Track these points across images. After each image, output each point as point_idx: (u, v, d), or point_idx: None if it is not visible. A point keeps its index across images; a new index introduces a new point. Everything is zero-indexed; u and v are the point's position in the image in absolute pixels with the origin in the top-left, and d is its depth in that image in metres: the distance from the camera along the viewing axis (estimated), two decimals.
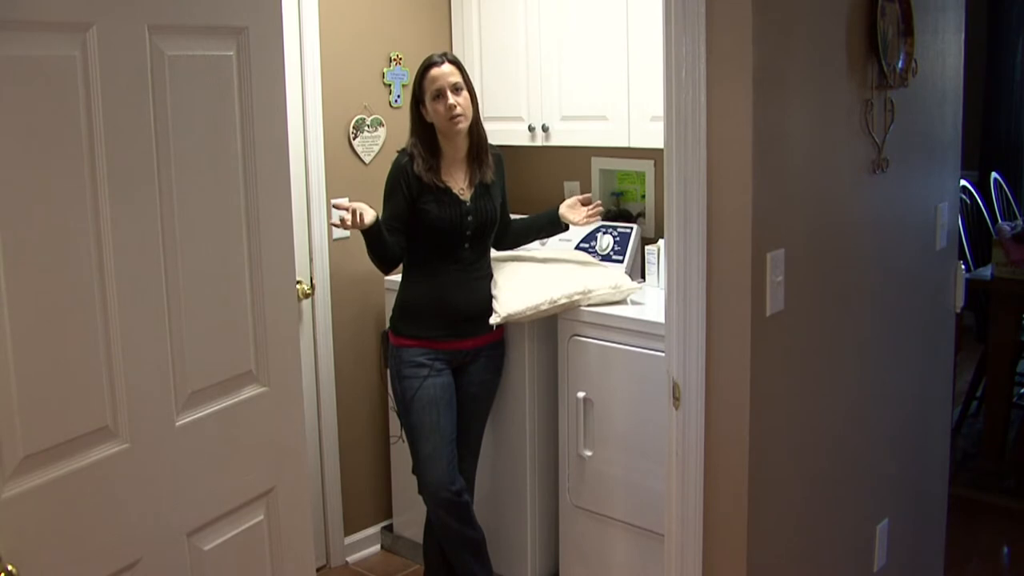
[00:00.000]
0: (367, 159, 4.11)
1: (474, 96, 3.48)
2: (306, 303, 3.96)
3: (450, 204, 3.43)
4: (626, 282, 3.58)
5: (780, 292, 2.38)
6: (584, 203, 3.68)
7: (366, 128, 4.10)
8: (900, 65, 2.77)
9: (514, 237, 3.78)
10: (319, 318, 4.00)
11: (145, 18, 1.80)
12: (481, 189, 3.52)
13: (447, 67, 3.42)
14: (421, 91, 3.44)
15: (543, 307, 3.46)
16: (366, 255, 3.42)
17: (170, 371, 1.91)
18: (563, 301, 3.49)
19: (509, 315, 3.43)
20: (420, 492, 3.50)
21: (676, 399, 2.43)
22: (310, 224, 3.93)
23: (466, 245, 3.48)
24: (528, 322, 3.60)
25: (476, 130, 3.51)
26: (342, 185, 4.01)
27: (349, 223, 3.27)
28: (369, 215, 3.28)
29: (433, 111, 3.42)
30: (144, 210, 1.83)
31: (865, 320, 2.85)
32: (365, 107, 4.09)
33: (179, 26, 1.89)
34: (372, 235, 3.33)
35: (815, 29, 2.47)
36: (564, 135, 4.02)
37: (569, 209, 3.69)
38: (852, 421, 2.83)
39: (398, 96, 4.19)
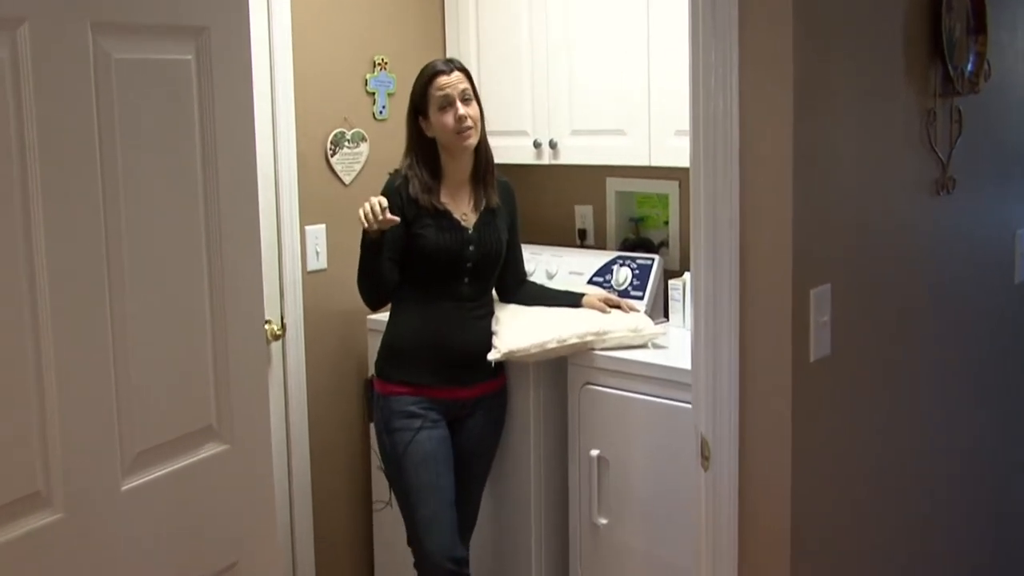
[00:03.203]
0: (347, 179, 4.11)
1: (482, 110, 3.52)
2: (276, 346, 3.95)
3: (450, 230, 3.45)
4: (648, 325, 3.58)
5: (826, 334, 2.37)
6: (612, 305, 3.71)
7: (346, 144, 4.10)
8: (969, 68, 2.77)
9: (525, 297, 3.78)
10: (291, 363, 3.99)
11: (88, 14, 1.79)
12: (487, 216, 3.54)
13: (456, 75, 3.47)
14: (424, 102, 3.47)
15: (550, 346, 3.45)
16: (345, 290, 3.43)
17: (115, 427, 1.89)
18: (574, 341, 3.48)
19: (511, 352, 3.43)
20: (417, 565, 3.49)
21: (705, 458, 2.42)
22: (281, 254, 3.93)
23: (466, 279, 3.49)
24: (533, 365, 3.60)
25: (483, 147, 3.56)
26: (318, 209, 4.01)
27: (373, 216, 3.28)
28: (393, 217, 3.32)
29: (438, 124, 3.44)
30: (86, 238, 1.82)
31: (930, 367, 2.83)
32: (345, 120, 4.10)
33: (128, 24, 1.88)
34: (375, 247, 3.35)
35: (868, 28, 2.47)
36: (575, 152, 4.02)
37: (595, 304, 3.70)
38: (916, 487, 2.81)
39: (383, 107, 4.20)
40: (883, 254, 2.60)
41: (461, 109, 3.42)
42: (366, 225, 3.28)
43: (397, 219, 3.31)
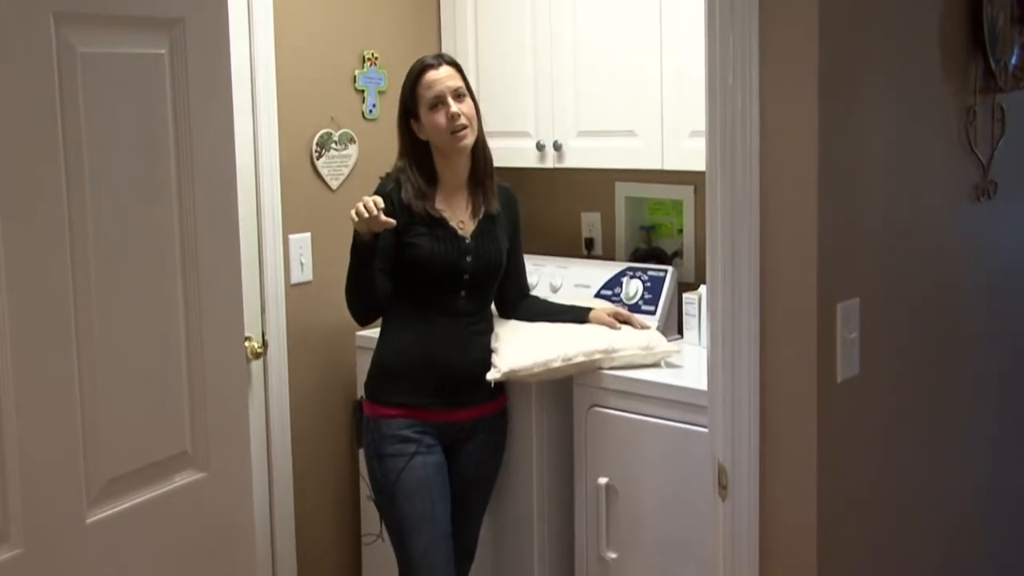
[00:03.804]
0: (334, 184, 4.10)
1: (478, 107, 3.51)
2: (256, 365, 3.94)
3: (445, 239, 3.44)
4: (660, 343, 3.57)
5: (855, 352, 2.36)
6: (621, 321, 3.70)
7: (333, 146, 4.09)
8: (1014, 61, 2.76)
9: (527, 312, 3.77)
10: (273, 384, 3.98)
11: (50, 4, 1.79)
12: (486, 224, 3.53)
13: (445, 70, 3.46)
14: (414, 101, 3.47)
15: (554, 364, 3.45)
16: (331, 304, 3.41)
17: (80, 454, 1.88)
18: (580, 360, 3.47)
19: (512, 370, 3.42)
20: None
21: (723, 487, 2.40)
22: (262, 266, 3.93)
23: (463, 292, 3.48)
24: (536, 386, 3.59)
25: (481, 149, 3.55)
26: (303, 217, 4.00)
27: (367, 213, 3.26)
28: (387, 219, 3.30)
29: (430, 124, 3.44)
30: (49, 250, 1.81)
31: (968, 386, 2.82)
32: (332, 119, 4.09)
33: (95, 15, 1.87)
34: (367, 252, 3.33)
35: (901, 18, 2.46)
36: (581, 155, 4.02)
37: (603, 319, 3.69)
38: (956, 518, 2.79)
39: (373, 105, 4.19)
40: (917, 265, 2.59)
41: (454, 107, 3.41)
42: (356, 222, 3.27)
43: (392, 222, 3.29)
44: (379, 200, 3.28)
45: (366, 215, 3.24)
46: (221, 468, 2.18)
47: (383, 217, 3.26)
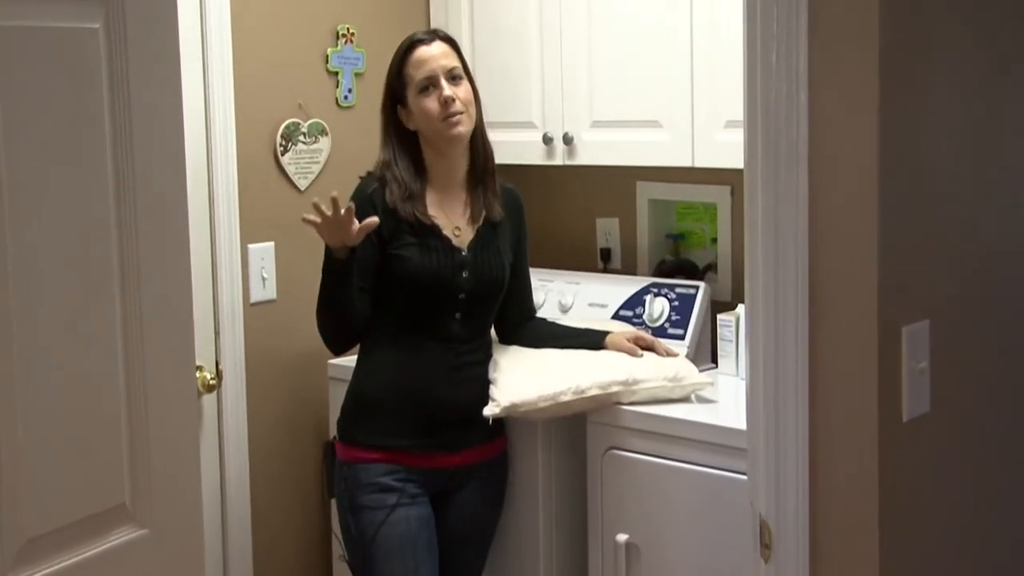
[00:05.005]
0: (302, 184, 4.11)
1: (476, 91, 3.51)
2: (209, 399, 3.95)
3: (438, 251, 3.44)
4: (690, 373, 3.58)
5: (924, 386, 2.35)
6: (644, 347, 3.69)
7: (301, 139, 4.10)
8: None
9: (533, 337, 3.77)
10: (229, 422, 3.99)
11: None
12: (486, 233, 3.53)
13: (438, 47, 3.47)
14: (401, 83, 3.48)
15: (564, 398, 3.45)
16: (299, 327, 3.40)
17: None
18: (594, 393, 3.47)
19: (513, 405, 3.42)
20: None
21: (766, 546, 2.40)
22: (216, 282, 3.94)
23: (457, 314, 3.48)
24: (542, 424, 3.60)
25: (480, 141, 3.56)
26: (265, 223, 4.01)
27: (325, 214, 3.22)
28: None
29: (419, 110, 3.44)
30: None
31: None
32: (300, 107, 4.10)
33: None
34: (342, 268, 3.31)
35: None
36: (595, 149, 4.04)
37: (622, 345, 3.69)
38: None
39: (349, 90, 4.20)
40: (999, 281, 2.58)
41: (447, 89, 3.41)
42: (321, 231, 3.24)
43: (375, 220, 3.27)
44: (342, 203, 3.24)
45: (320, 220, 3.21)
46: (166, 524, 2.18)
47: (357, 224, 3.23)
